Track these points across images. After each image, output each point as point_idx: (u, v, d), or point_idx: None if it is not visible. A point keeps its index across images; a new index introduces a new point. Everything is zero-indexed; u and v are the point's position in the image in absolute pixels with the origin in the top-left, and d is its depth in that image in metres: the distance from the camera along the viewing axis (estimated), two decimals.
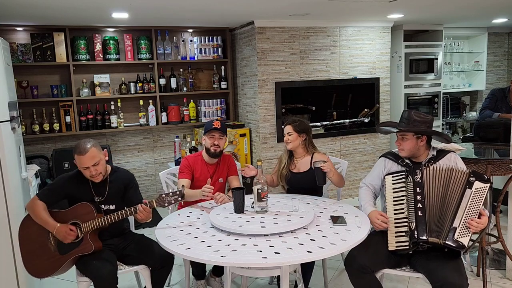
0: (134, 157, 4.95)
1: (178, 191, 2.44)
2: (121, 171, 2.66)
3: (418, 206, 2.27)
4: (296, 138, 2.96)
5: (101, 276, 2.29)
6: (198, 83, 5.09)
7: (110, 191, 2.54)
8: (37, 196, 2.42)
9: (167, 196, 2.43)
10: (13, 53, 4.17)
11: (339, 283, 3.14)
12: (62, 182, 2.48)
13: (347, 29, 4.82)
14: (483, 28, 6.03)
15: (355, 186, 5.10)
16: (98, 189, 2.52)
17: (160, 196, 2.44)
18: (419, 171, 2.31)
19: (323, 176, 2.74)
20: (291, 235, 2.18)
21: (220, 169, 3.08)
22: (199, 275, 2.96)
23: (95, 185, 2.51)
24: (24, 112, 4.32)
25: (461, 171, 2.26)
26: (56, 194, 2.46)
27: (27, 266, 2.40)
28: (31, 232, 2.41)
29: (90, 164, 2.38)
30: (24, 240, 2.41)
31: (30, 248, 2.40)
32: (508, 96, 4.34)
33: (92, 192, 2.50)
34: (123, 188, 2.59)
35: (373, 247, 2.30)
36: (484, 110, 4.45)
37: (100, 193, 2.52)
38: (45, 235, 2.40)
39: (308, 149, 3.02)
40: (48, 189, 2.48)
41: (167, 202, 2.43)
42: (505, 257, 3.19)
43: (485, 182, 2.21)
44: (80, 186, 2.48)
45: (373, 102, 5.09)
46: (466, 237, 2.17)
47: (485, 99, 4.55)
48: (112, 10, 3.56)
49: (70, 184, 2.47)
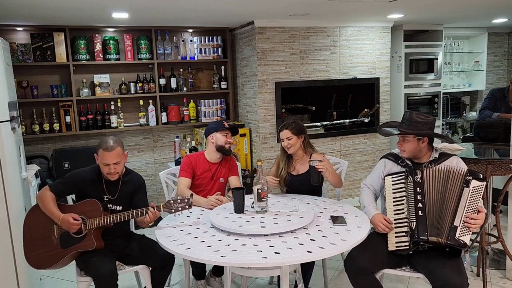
0: (134, 157, 4.95)
1: (187, 199, 2.45)
2: (134, 174, 2.67)
3: (418, 206, 2.28)
4: (296, 141, 2.92)
5: (102, 274, 2.30)
6: (198, 83, 5.09)
7: (121, 192, 2.55)
8: (49, 187, 2.45)
9: (175, 203, 2.44)
10: (13, 53, 4.17)
11: (339, 283, 3.14)
12: (76, 177, 2.50)
13: (347, 29, 4.82)
14: (483, 28, 6.03)
15: (355, 186, 5.10)
16: (110, 188, 2.53)
17: (168, 202, 2.45)
18: (419, 171, 2.32)
19: (318, 175, 2.74)
20: (291, 235, 2.19)
21: (222, 168, 3.08)
22: (199, 275, 2.96)
23: (109, 183, 2.53)
24: (24, 112, 4.32)
25: (458, 170, 2.27)
26: (68, 187, 2.50)
27: (27, 255, 2.41)
28: (37, 221, 2.43)
29: (113, 161, 2.42)
30: (28, 228, 2.43)
31: (33, 237, 2.41)
32: (507, 96, 4.34)
33: (104, 190, 2.52)
34: (133, 191, 2.60)
35: (372, 248, 2.30)
36: (484, 110, 4.45)
37: (112, 192, 2.53)
38: (49, 226, 2.42)
39: (306, 149, 2.99)
40: (60, 182, 2.50)
41: (174, 209, 2.44)
42: (505, 257, 3.19)
43: (481, 181, 2.23)
44: (94, 182, 2.51)
45: (373, 102, 5.09)
46: (467, 236, 2.19)
47: (484, 99, 4.55)
48: (112, 10, 3.56)
49: (83, 180, 2.49)
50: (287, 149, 2.95)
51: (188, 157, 3.05)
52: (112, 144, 2.42)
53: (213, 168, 3.05)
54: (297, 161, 3.00)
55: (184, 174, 2.96)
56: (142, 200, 2.60)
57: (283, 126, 2.96)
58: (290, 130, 2.91)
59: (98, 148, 2.45)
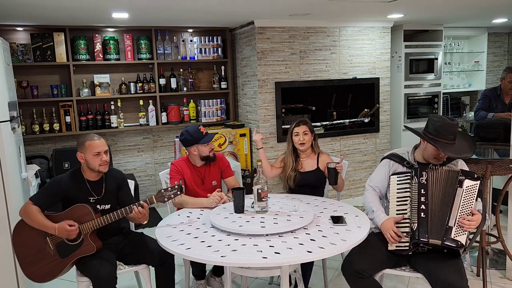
0: (134, 157, 4.95)
1: (177, 185, 2.44)
2: (114, 170, 2.67)
3: (421, 207, 2.27)
4: (310, 137, 3.00)
5: (100, 276, 2.29)
6: (198, 83, 5.09)
7: (106, 190, 2.53)
8: (31, 201, 2.36)
9: (166, 191, 2.44)
10: (13, 53, 4.17)
11: (339, 283, 3.14)
12: (58, 184, 2.44)
13: (347, 29, 4.82)
14: (483, 28, 6.03)
15: (355, 186, 5.10)
16: (95, 188, 2.50)
17: (159, 192, 2.44)
18: (425, 173, 2.31)
19: (335, 176, 2.82)
20: (291, 235, 2.18)
21: (211, 171, 2.97)
22: (199, 275, 2.96)
23: (92, 184, 2.50)
24: (24, 112, 4.32)
25: (452, 170, 2.27)
26: (52, 197, 2.41)
27: (26, 272, 2.37)
28: (26, 237, 2.38)
29: (104, 149, 2.43)
30: (19, 246, 2.38)
31: (27, 254, 2.37)
32: (501, 94, 4.35)
33: (89, 191, 2.49)
34: (117, 187, 2.59)
35: (370, 250, 2.30)
36: (478, 112, 4.46)
37: (97, 192, 2.51)
38: (42, 239, 2.38)
39: (314, 148, 3.06)
40: (42, 193, 2.43)
41: (167, 197, 2.44)
42: (505, 257, 3.19)
43: (475, 180, 2.22)
44: (77, 185, 2.46)
45: (373, 102, 5.09)
46: (463, 236, 2.18)
47: (478, 100, 4.56)
48: (112, 10, 3.56)
49: (66, 185, 2.44)
50: (301, 144, 2.97)
51: (174, 164, 2.94)
52: (97, 135, 2.47)
53: (200, 172, 2.95)
54: (304, 159, 3.03)
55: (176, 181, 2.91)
56: (127, 195, 2.61)
57: (300, 122, 3.01)
58: (307, 126, 2.98)
59: (82, 144, 2.43)
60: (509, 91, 4.29)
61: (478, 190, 2.23)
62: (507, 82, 4.29)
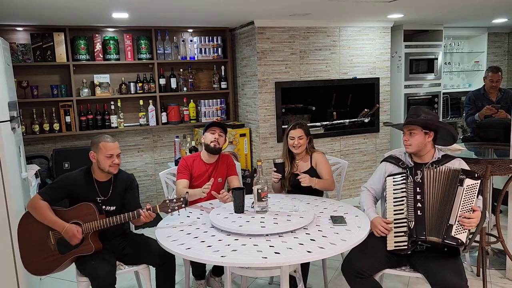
0: (134, 157, 4.95)
1: (183, 198, 2.45)
2: (123, 172, 2.67)
3: (417, 205, 2.28)
4: (305, 141, 2.99)
5: (99, 277, 2.29)
6: (198, 83, 5.09)
7: (113, 192, 2.55)
8: (40, 196, 2.39)
9: (171, 203, 2.44)
10: (13, 53, 4.17)
11: (339, 283, 3.14)
12: (67, 181, 2.47)
13: (347, 29, 4.82)
14: (483, 28, 6.03)
15: (355, 186, 5.10)
16: (103, 189, 2.53)
17: (164, 202, 2.45)
18: (419, 172, 2.32)
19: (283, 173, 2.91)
20: (291, 235, 2.19)
21: (219, 168, 3.07)
22: (199, 275, 2.97)
23: (100, 184, 2.52)
24: (24, 112, 4.32)
25: (453, 169, 2.27)
26: (59, 193, 2.45)
27: (25, 263, 2.40)
28: (31, 230, 2.41)
29: (117, 152, 2.47)
30: (23, 238, 2.41)
31: (29, 246, 2.40)
32: (485, 93, 4.39)
33: (97, 191, 2.51)
34: (124, 189, 2.60)
35: (369, 250, 2.30)
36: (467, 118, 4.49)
37: (105, 193, 2.53)
38: (45, 233, 2.40)
39: (308, 149, 3.05)
40: (51, 188, 2.46)
41: (171, 209, 2.44)
42: (505, 257, 3.19)
43: (475, 179, 2.23)
44: (86, 184, 2.49)
45: (373, 102, 5.09)
46: (463, 234, 2.18)
47: (465, 106, 4.56)
48: (112, 10, 3.56)
49: (75, 183, 2.47)
50: (295, 148, 2.97)
51: (184, 159, 3.03)
52: (110, 137, 2.50)
53: (209, 168, 3.04)
54: (299, 160, 3.04)
55: (182, 176, 2.95)
56: (133, 198, 2.62)
57: (296, 125, 2.98)
58: (303, 130, 2.97)
59: (96, 143, 2.46)
60: (490, 89, 4.35)
61: (478, 189, 2.23)
62: (488, 81, 4.34)
